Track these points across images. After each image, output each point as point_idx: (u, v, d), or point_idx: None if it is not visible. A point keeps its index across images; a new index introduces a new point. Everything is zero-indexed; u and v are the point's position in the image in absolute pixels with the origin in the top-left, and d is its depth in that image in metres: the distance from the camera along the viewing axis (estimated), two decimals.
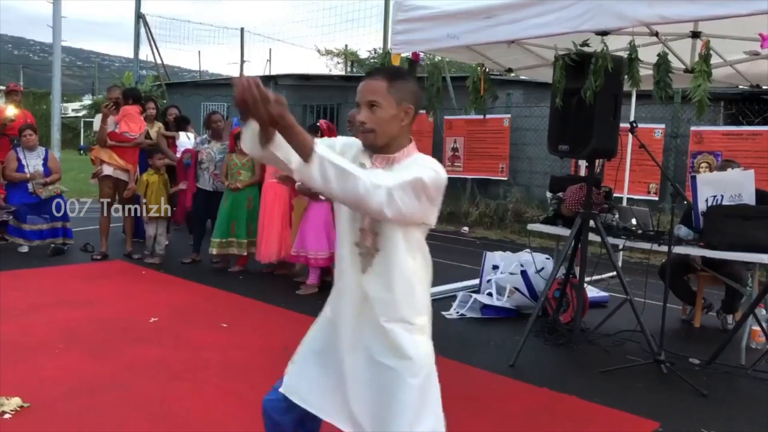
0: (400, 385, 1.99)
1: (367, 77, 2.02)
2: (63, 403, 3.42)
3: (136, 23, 15.96)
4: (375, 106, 1.96)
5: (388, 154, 2.02)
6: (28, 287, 5.82)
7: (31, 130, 7.33)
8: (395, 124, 1.99)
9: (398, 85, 1.99)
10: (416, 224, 2.00)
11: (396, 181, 1.83)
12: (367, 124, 1.97)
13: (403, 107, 1.99)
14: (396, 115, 1.98)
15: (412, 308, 2.03)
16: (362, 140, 2.02)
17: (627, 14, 3.59)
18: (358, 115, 2.00)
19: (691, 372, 4.32)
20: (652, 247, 4.71)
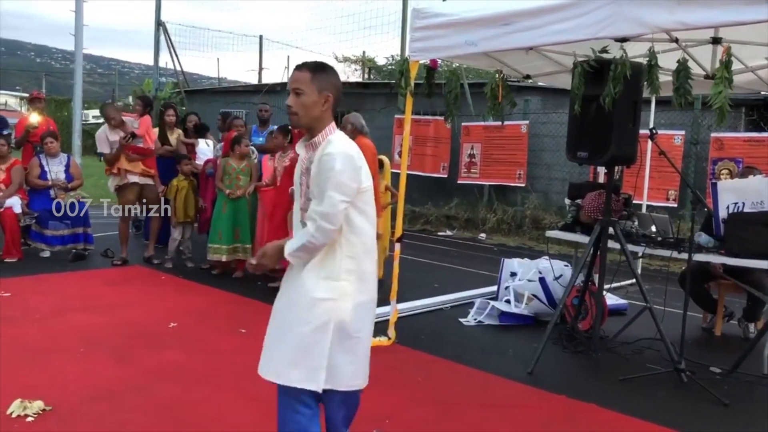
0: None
1: (295, 69, 2.40)
2: (85, 406, 3.46)
3: (156, 31, 16.13)
4: (300, 93, 2.35)
5: (312, 137, 2.40)
6: (50, 292, 5.90)
7: (52, 138, 7.44)
8: (316, 108, 2.36)
9: (320, 77, 2.37)
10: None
11: (322, 200, 2.28)
12: (292, 108, 2.36)
13: (324, 95, 2.37)
14: (317, 101, 2.36)
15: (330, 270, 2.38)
16: (289, 121, 2.43)
17: (646, 21, 3.57)
18: (287, 101, 2.38)
19: (711, 381, 4.27)
20: (672, 255, 4.67)
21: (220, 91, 18.14)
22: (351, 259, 2.38)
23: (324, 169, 2.28)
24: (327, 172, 2.27)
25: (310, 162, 2.37)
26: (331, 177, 2.26)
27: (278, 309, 2.51)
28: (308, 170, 2.38)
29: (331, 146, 2.32)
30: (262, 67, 20.65)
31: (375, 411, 3.62)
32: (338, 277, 2.36)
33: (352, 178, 2.31)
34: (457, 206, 12.16)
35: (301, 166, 2.46)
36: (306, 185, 2.39)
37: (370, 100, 13.94)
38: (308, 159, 2.40)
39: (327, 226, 2.26)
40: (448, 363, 4.52)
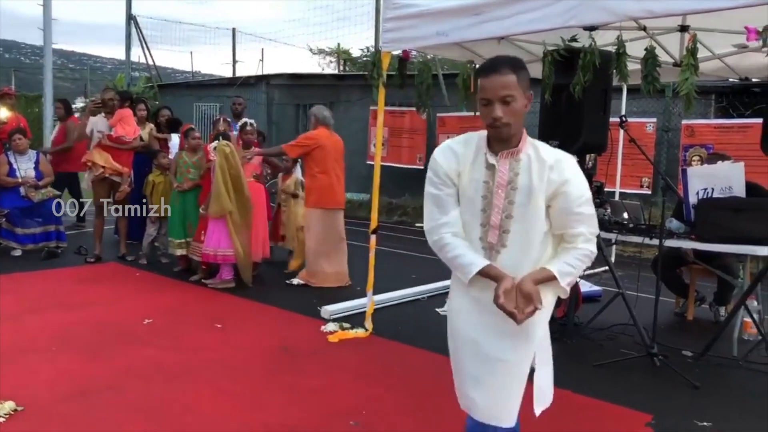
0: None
1: (494, 73, 2.03)
2: (57, 406, 3.42)
3: (127, 25, 15.91)
4: (509, 101, 2.02)
5: (510, 146, 2.10)
6: (22, 290, 5.82)
7: (20, 134, 7.31)
8: (523, 113, 2.07)
9: (523, 76, 2.06)
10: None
11: (593, 221, 2.12)
12: (503, 119, 2.02)
13: (528, 95, 2.07)
14: (524, 105, 2.06)
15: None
16: (497, 134, 2.07)
17: (615, 9, 3.60)
18: (488, 112, 2.04)
19: (683, 364, 4.34)
20: (644, 241, 4.72)
21: (193, 85, 17.96)
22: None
23: (582, 191, 2.08)
24: (585, 194, 2.09)
25: (514, 174, 2.09)
26: (590, 198, 2.11)
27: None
28: (510, 183, 2.09)
29: (570, 164, 2.11)
30: (235, 61, 20.45)
31: (351, 402, 3.63)
32: (551, 301, 2.25)
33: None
34: None
35: (489, 176, 2.12)
36: (506, 200, 2.10)
37: (345, 91, 13.90)
38: (511, 170, 2.10)
39: (596, 249, 2.14)
40: (425, 353, 4.53)
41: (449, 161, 2.16)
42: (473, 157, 2.14)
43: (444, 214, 2.16)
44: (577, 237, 2.09)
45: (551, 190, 2.07)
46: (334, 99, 13.73)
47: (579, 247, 2.08)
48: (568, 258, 2.09)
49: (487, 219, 2.11)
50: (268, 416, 3.41)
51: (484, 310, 2.15)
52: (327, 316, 5.23)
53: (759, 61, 5.12)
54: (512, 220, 2.09)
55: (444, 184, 2.16)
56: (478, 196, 2.12)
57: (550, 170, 2.06)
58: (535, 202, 2.07)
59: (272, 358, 4.35)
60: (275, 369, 4.13)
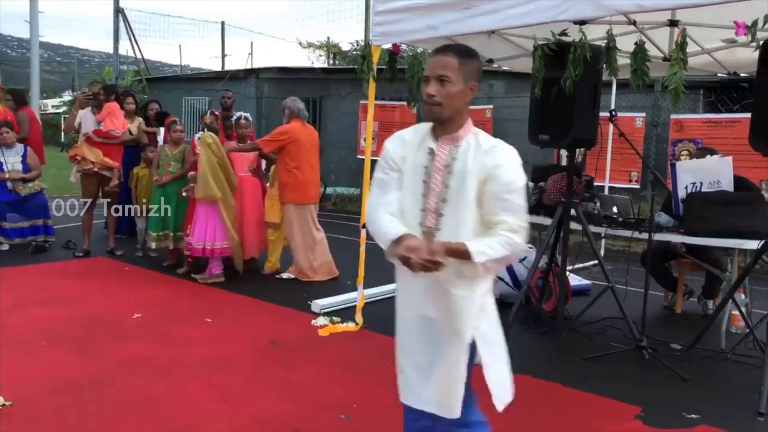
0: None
1: (439, 53, 2.12)
2: (46, 401, 3.40)
3: (115, 18, 15.80)
4: (445, 81, 2.07)
5: (451, 132, 2.15)
6: (9, 285, 5.77)
7: (8, 128, 7.24)
8: (461, 99, 2.11)
9: (467, 63, 2.11)
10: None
11: (520, 213, 2.09)
12: (435, 98, 2.08)
13: (470, 84, 2.12)
14: (463, 91, 2.10)
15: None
16: (427, 112, 2.13)
17: (605, 3, 3.60)
18: (425, 88, 2.10)
19: (672, 357, 4.37)
20: (633, 235, 4.75)
21: (182, 79, 17.87)
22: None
23: (513, 179, 2.07)
24: (517, 182, 2.08)
25: (452, 158, 2.13)
26: (521, 188, 2.09)
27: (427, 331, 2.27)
28: (447, 167, 2.13)
29: (506, 152, 2.12)
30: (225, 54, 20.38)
31: (342, 396, 3.63)
32: (483, 293, 2.22)
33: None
34: None
35: (429, 161, 2.16)
36: (442, 183, 2.13)
37: (335, 86, 13.87)
38: (449, 155, 2.14)
39: (525, 238, 2.10)
40: None
41: (396, 147, 2.24)
42: (419, 143, 2.20)
43: (384, 196, 2.22)
44: (500, 224, 2.07)
45: (484, 174, 2.09)
46: (324, 93, 13.70)
47: (500, 233, 2.06)
48: (488, 240, 2.07)
49: (426, 203, 2.16)
50: (259, 410, 3.41)
51: (415, 286, 2.23)
52: (317, 310, 5.23)
53: (747, 56, 5.14)
54: (447, 203, 2.12)
55: (390, 168, 2.22)
56: (419, 181, 2.17)
57: (485, 154, 2.10)
58: (468, 185, 2.10)
59: (262, 352, 4.34)
60: (265, 363, 4.13)
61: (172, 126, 6.71)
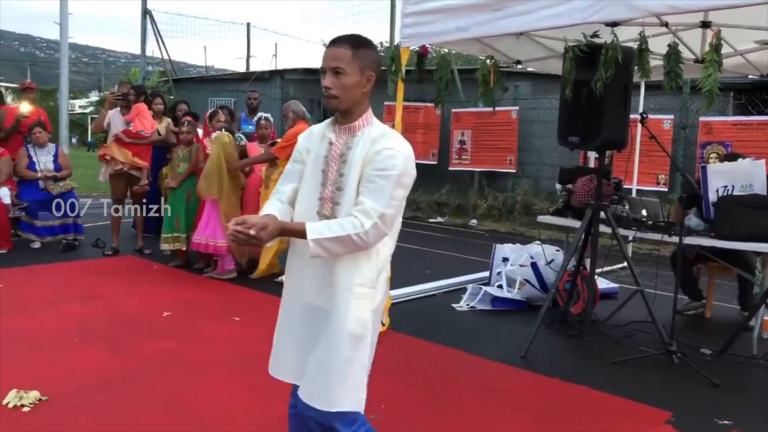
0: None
1: (332, 44, 2.09)
2: (80, 396, 3.46)
3: (142, 19, 15.96)
4: (339, 72, 2.06)
5: (349, 122, 2.14)
6: (41, 282, 5.88)
7: (40, 128, 7.38)
8: (357, 90, 2.09)
9: (362, 53, 2.08)
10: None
11: (383, 199, 2.03)
12: (331, 90, 2.07)
13: (366, 74, 2.10)
14: (359, 82, 2.09)
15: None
16: (325, 103, 2.12)
17: (637, 5, 3.58)
18: (323, 80, 2.08)
19: (702, 362, 4.32)
20: (663, 238, 4.70)
21: (208, 80, 18.04)
22: (386, 263, 2.20)
23: (387, 166, 2.04)
24: (391, 170, 2.04)
25: (347, 148, 2.12)
26: (394, 175, 2.04)
27: (309, 320, 2.18)
28: (342, 156, 2.12)
29: (391, 140, 2.09)
30: (249, 55, 20.52)
31: (370, 397, 3.62)
32: (373, 284, 2.15)
33: (411, 180, 2.12)
34: (447, 193, 12.18)
35: (327, 150, 2.16)
36: (337, 173, 2.12)
37: None
38: (344, 144, 2.13)
39: (382, 227, 2.03)
40: (441, 348, 4.54)
41: (304, 140, 2.27)
42: (322, 134, 2.21)
43: (281, 186, 2.27)
44: (357, 205, 2.04)
45: (367, 160, 2.08)
46: None
47: (352, 213, 2.03)
48: (333, 221, 2.05)
49: (323, 192, 2.15)
50: (286, 409, 3.42)
51: (302, 273, 2.20)
52: None
53: None
54: (342, 192, 2.11)
55: (295, 160, 2.27)
56: (318, 170, 2.17)
57: (371, 143, 2.09)
58: (355, 173, 2.09)
59: None
60: None
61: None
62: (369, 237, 2.02)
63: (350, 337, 2.10)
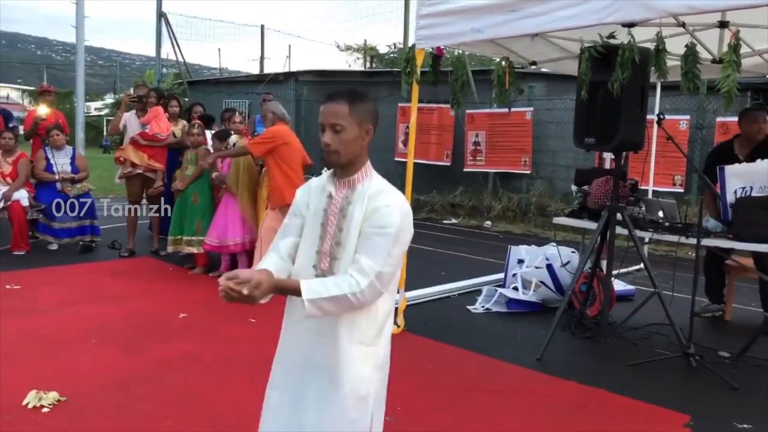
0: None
1: (329, 101, 2.09)
2: (98, 396, 3.49)
3: (157, 22, 16.08)
4: (339, 129, 2.05)
5: (349, 175, 2.11)
6: (59, 284, 5.93)
7: (58, 130, 7.45)
8: (357, 144, 2.08)
9: (359, 108, 2.08)
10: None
11: (380, 257, 1.98)
12: (331, 146, 2.06)
13: (365, 128, 2.09)
14: (358, 136, 2.08)
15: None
16: (327, 159, 2.10)
17: (654, 5, 3.56)
18: (322, 137, 2.08)
19: (720, 365, 4.28)
20: (680, 240, 4.67)
21: (222, 82, 18.11)
22: (387, 318, 2.13)
23: (385, 223, 2.00)
24: (388, 227, 2.00)
25: (347, 203, 2.09)
26: (392, 234, 2.00)
27: (308, 377, 2.12)
28: (342, 211, 2.09)
29: (389, 197, 2.06)
30: (263, 57, 20.59)
31: (386, 399, 3.64)
32: (372, 341, 2.09)
33: (409, 237, 2.07)
34: (462, 194, 12.16)
35: (327, 204, 2.13)
36: (336, 227, 2.09)
37: (373, 88, 13.91)
38: (344, 199, 2.10)
39: (378, 286, 1.98)
40: (457, 350, 4.54)
41: (303, 194, 2.23)
42: (321, 188, 2.18)
43: (279, 241, 2.22)
44: (353, 264, 2.00)
45: (365, 217, 2.05)
46: None
47: (348, 272, 1.99)
48: (329, 279, 2.01)
49: (321, 246, 2.12)
50: None
51: (303, 328, 2.15)
52: None
53: None
54: (341, 247, 2.07)
55: (294, 214, 2.22)
56: (318, 224, 2.13)
57: (369, 199, 2.06)
58: (354, 229, 2.05)
59: None
60: None
61: (191, 129, 6.79)
62: (365, 296, 1.97)
63: (353, 397, 2.05)
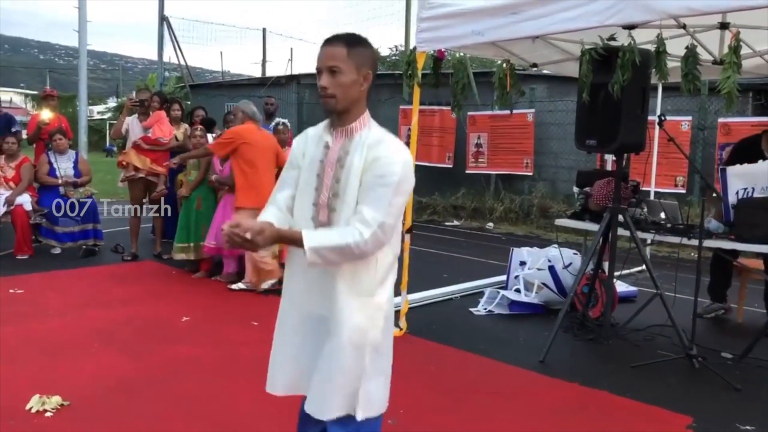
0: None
1: (326, 43, 2.04)
2: (102, 401, 3.50)
3: (159, 25, 16.14)
4: (336, 71, 2.00)
5: (346, 124, 2.07)
6: (62, 288, 5.95)
7: (61, 135, 7.48)
8: (355, 89, 2.03)
9: (358, 51, 2.03)
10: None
11: (382, 208, 1.96)
12: (328, 90, 2.01)
13: (363, 72, 2.04)
14: (356, 80, 2.03)
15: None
16: (323, 104, 2.06)
17: (654, 7, 3.56)
18: (319, 81, 2.03)
19: (723, 366, 4.28)
20: (682, 242, 4.67)
21: (224, 85, 18.15)
22: (389, 271, 2.13)
23: (386, 172, 1.98)
24: (390, 177, 1.97)
25: (344, 152, 2.06)
26: (393, 183, 1.97)
27: (311, 329, 2.13)
28: (339, 161, 2.06)
29: (389, 146, 2.03)
30: (265, 60, 20.63)
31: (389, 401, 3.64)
32: (372, 293, 2.08)
33: (410, 187, 2.05)
34: (464, 196, 12.16)
35: (324, 154, 2.10)
36: (333, 178, 2.06)
37: (374, 90, 13.59)
38: (342, 148, 2.07)
39: (381, 236, 1.97)
40: (459, 352, 4.54)
41: (299, 144, 2.20)
42: (318, 137, 2.15)
43: (276, 194, 2.20)
44: (356, 215, 1.98)
45: (365, 167, 2.02)
46: None
47: (350, 222, 1.97)
48: (332, 229, 2.00)
49: (318, 197, 2.09)
50: None
51: (302, 281, 2.15)
52: None
53: None
54: (338, 198, 2.04)
55: (291, 166, 2.19)
56: (313, 175, 2.10)
57: (369, 148, 2.03)
58: (354, 180, 2.02)
59: None
60: None
61: (194, 133, 6.81)
62: (368, 246, 1.96)
63: (349, 346, 2.04)
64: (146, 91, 8.00)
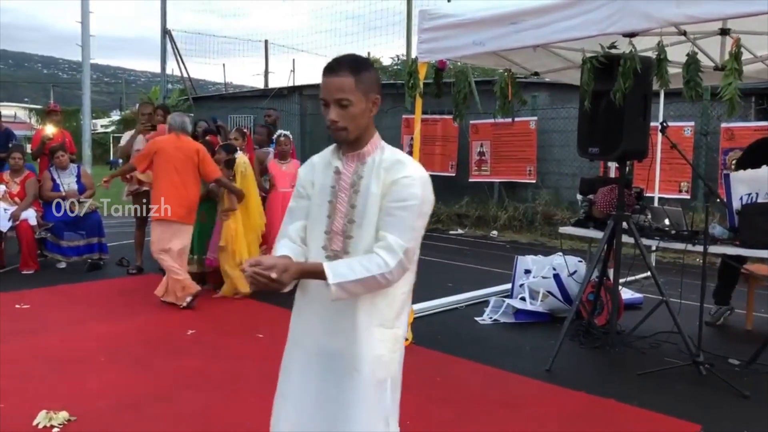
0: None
1: (331, 74, 1.93)
2: (108, 415, 3.50)
3: (162, 39, 16.22)
4: (346, 104, 1.92)
5: (357, 149, 2.01)
6: (68, 302, 5.96)
7: (62, 151, 7.51)
8: (366, 116, 1.97)
9: (364, 78, 1.94)
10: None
11: (406, 233, 1.91)
12: (339, 123, 1.94)
13: (371, 98, 1.97)
14: (366, 108, 1.96)
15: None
16: (335, 137, 2.00)
17: (654, 15, 3.58)
18: (325, 114, 1.96)
19: (731, 373, 4.26)
20: (687, 248, 4.66)
21: (227, 97, 18.22)
22: (406, 300, 2.07)
23: (406, 195, 1.91)
24: (410, 200, 1.91)
25: (358, 177, 1.99)
26: (415, 206, 1.91)
27: (325, 364, 2.06)
28: (353, 186, 1.99)
29: (406, 168, 1.96)
30: (268, 72, 20.70)
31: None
32: (392, 323, 2.02)
33: (431, 207, 1.99)
34: (467, 204, 12.17)
35: (334, 180, 2.03)
36: (348, 204, 1.99)
37: None
38: (354, 173, 2.00)
39: (406, 263, 1.90)
40: (466, 362, 4.53)
41: (306, 172, 2.13)
42: (326, 163, 2.07)
43: (288, 226, 2.12)
44: (379, 241, 1.91)
45: (384, 191, 1.95)
46: None
47: (374, 251, 1.90)
48: (354, 260, 1.91)
49: (331, 225, 2.01)
50: None
51: (308, 310, 2.13)
52: None
53: None
54: (355, 225, 1.98)
55: (299, 196, 2.12)
56: (325, 202, 2.03)
57: (386, 171, 1.96)
58: (373, 206, 1.95)
59: None
60: None
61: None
62: (393, 276, 1.89)
63: (372, 380, 1.99)
64: (149, 105, 8.04)
